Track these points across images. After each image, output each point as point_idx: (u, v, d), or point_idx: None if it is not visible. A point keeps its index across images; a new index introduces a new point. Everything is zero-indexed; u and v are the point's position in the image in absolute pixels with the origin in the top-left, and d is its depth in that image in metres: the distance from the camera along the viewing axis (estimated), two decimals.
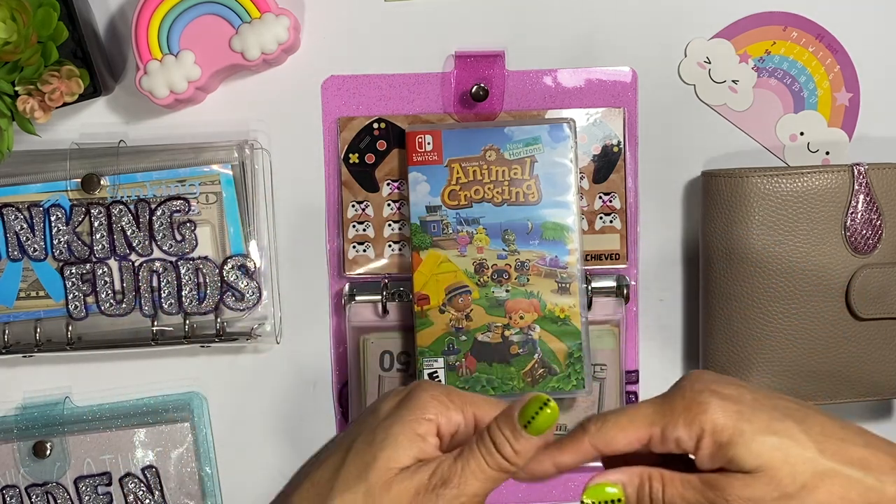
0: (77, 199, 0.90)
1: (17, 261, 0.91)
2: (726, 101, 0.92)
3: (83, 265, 0.90)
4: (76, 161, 0.90)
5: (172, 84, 0.87)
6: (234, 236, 0.91)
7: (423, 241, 0.89)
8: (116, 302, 0.91)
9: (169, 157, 0.91)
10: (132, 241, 0.90)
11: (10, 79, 0.84)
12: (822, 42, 0.92)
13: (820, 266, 0.87)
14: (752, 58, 0.92)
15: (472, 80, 0.92)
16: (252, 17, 0.87)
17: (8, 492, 0.93)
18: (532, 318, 0.88)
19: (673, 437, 0.59)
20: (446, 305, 0.89)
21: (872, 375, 0.88)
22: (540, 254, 0.88)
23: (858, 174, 0.87)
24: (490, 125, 0.90)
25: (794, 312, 0.87)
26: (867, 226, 0.87)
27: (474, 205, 0.89)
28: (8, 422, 0.93)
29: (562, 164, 0.89)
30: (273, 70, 0.92)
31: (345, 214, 0.93)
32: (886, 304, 0.88)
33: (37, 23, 0.83)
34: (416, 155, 0.89)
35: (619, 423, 0.60)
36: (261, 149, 0.92)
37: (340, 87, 0.92)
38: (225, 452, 0.94)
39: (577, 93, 0.92)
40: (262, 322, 0.92)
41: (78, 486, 0.93)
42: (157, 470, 0.93)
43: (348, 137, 0.92)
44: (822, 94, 0.92)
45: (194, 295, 0.91)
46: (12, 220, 0.90)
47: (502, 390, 0.88)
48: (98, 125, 0.92)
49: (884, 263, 0.88)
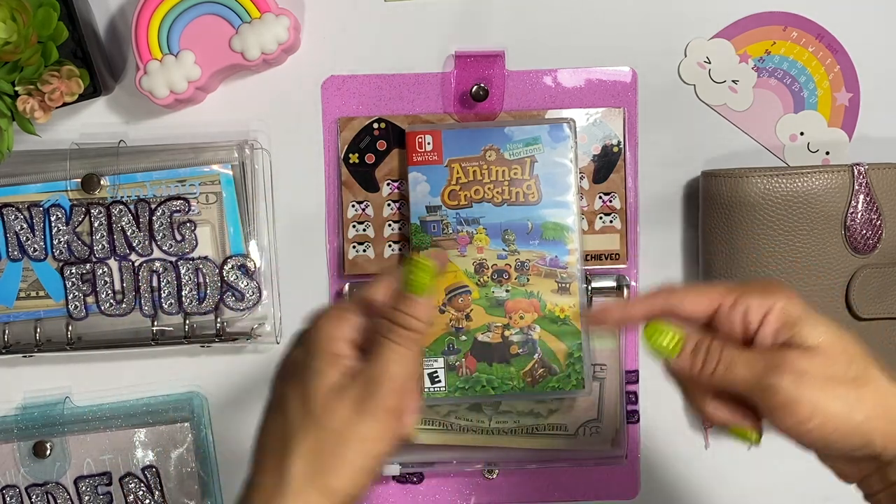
0: (77, 199, 0.90)
1: (17, 261, 0.91)
2: (726, 101, 0.92)
3: (83, 265, 0.90)
4: (76, 161, 0.91)
5: (172, 84, 0.87)
6: (234, 236, 0.91)
7: (423, 241, 0.89)
8: (116, 302, 0.91)
9: (169, 157, 0.91)
10: (132, 241, 0.90)
11: (10, 79, 0.84)
12: (822, 42, 0.92)
13: (820, 266, 0.87)
14: (752, 58, 0.92)
15: (472, 80, 0.92)
16: (252, 17, 0.87)
17: (8, 492, 0.93)
18: (532, 318, 0.88)
19: (744, 305, 0.62)
20: (446, 305, 0.89)
21: None
22: (540, 254, 0.89)
23: (858, 174, 0.87)
24: (490, 125, 0.90)
25: None
26: (867, 226, 0.87)
27: (474, 205, 0.89)
28: (8, 422, 0.93)
29: (562, 164, 0.89)
30: (273, 70, 0.92)
31: (345, 214, 0.93)
32: (886, 304, 0.88)
33: (37, 23, 0.83)
34: (416, 155, 0.89)
35: (694, 287, 0.65)
36: (261, 149, 0.92)
37: (340, 87, 0.92)
38: (225, 452, 0.94)
39: (577, 93, 0.92)
40: (262, 322, 0.92)
41: (78, 486, 0.93)
42: (157, 470, 0.93)
43: (348, 137, 0.92)
44: (822, 94, 0.92)
45: (194, 295, 0.91)
46: (12, 220, 0.90)
47: (502, 390, 0.88)
48: (98, 125, 0.92)
49: (884, 263, 0.88)
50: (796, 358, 0.60)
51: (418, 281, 0.63)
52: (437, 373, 0.89)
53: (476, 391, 0.89)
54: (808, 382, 0.59)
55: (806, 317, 0.61)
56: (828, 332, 0.61)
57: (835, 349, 0.60)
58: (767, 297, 0.62)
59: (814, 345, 0.60)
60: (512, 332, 0.89)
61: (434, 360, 0.89)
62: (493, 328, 0.89)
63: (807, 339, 0.61)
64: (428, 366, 0.89)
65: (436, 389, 0.89)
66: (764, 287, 0.63)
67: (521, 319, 0.89)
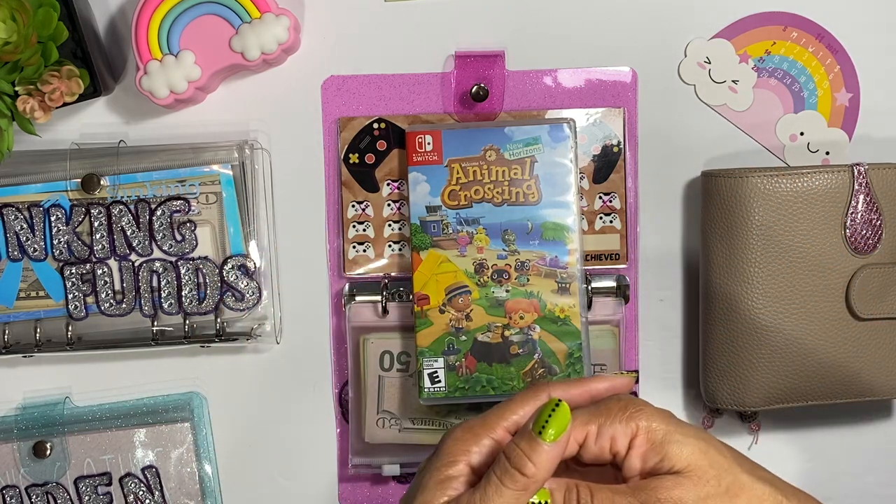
0: (77, 199, 0.90)
1: (17, 261, 0.91)
2: (726, 101, 0.92)
3: (83, 265, 0.90)
4: (76, 161, 0.91)
5: (172, 84, 0.87)
6: (234, 236, 0.91)
7: (423, 241, 0.89)
8: (116, 302, 0.91)
9: (169, 158, 0.91)
10: (132, 241, 0.90)
11: (10, 79, 0.84)
12: (822, 42, 0.92)
13: (820, 266, 0.87)
14: (752, 58, 0.92)
15: (472, 80, 0.92)
16: (252, 17, 0.87)
17: (8, 492, 0.93)
18: (532, 318, 0.88)
19: (609, 434, 0.62)
20: (446, 305, 0.89)
21: (872, 375, 0.88)
22: (540, 254, 0.89)
23: (858, 174, 0.87)
24: (490, 125, 0.90)
25: (794, 312, 0.87)
26: (867, 226, 0.87)
27: (474, 205, 0.89)
28: (8, 422, 0.93)
29: (562, 164, 0.89)
30: (273, 70, 0.92)
31: (345, 214, 0.93)
32: (886, 304, 0.88)
33: (37, 23, 0.83)
34: (416, 155, 0.89)
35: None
36: (261, 149, 0.92)
37: (340, 87, 0.92)
38: (225, 452, 0.94)
39: (577, 93, 0.92)
40: (262, 322, 0.92)
41: (78, 486, 0.93)
42: (157, 470, 0.93)
43: (348, 137, 0.92)
44: (822, 94, 0.92)
45: (194, 295, 0.91)
46: (12, 220, 0.90)
47: (502, 390, 0.88)
48: (98, 125, 0.92)
49: (884, 263, 0.88)
50: (669, 488, 0.60)
51: (557, 427, 0.60)
52: (437, 373, 0.89)
53: (476, 391, 0.89)
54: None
55: (670, 436, 0.61)
56: (694, 450, 0.61)
57: (702, 467, 0.61)
58: (630, 421, 0.62)
59: (682, 467, 0.61)
60: (512, 332, 0.89)
61: (434, 360, 0.89)
62: (493, 328, 0.89)
63: (675, 463, 0.61)
64: (428, 366, 0.89)
65: (436, 389, 0.89)
66: (623, 408, 0.62)
67: (521, 319, 0.89)
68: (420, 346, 0.89)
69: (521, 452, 0.60)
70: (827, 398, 0.89)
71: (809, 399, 0.89)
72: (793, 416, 0.94)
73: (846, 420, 0.94)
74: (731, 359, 0.88)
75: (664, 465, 0.61)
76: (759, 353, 0.87)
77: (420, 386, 0.89)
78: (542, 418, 0.60)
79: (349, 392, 0.93)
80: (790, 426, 0.95)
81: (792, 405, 0.89)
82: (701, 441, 0.62)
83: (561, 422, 0.60)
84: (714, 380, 0.89)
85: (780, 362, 0.87)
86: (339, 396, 0.94)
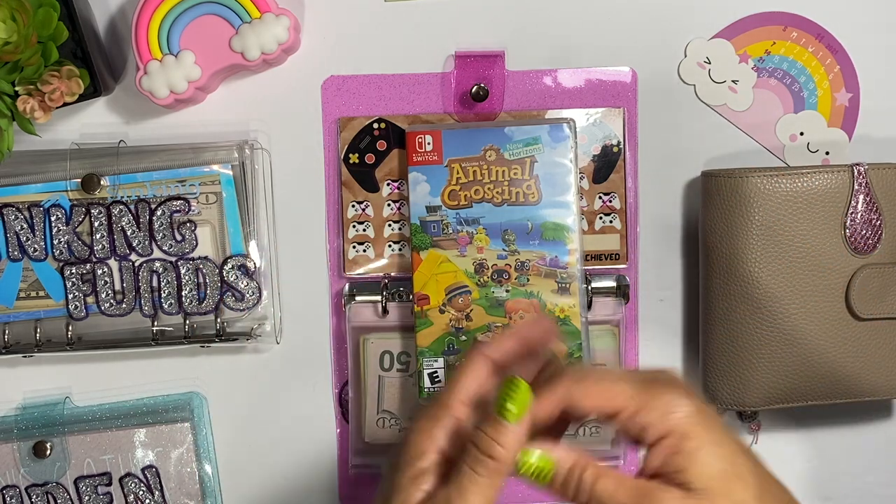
0: (77, 199, 0.90)
1: (18, 261, 0.91)
2: (726, 101, 0.92)
3: (83, 265, 0.90)
4: (76, 161, 0.91)
5: (172, 84, 0.87)
6: (234, 236, 0.91)
7: (423, 241, 0.89)
8: (116, 302, 0.91)
9: (169, 158, 0.91)
10: (132, 241, 0.90)
11: (10, 79, 0.84)
12: (822, 42, 0.92)
13: (820, 266, 0.87)
14: (752, 58, 0.92)
15: (472, 80, 0.92)
16: (252, 17, 0.87)
17: (8, 492, 0.93)
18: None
19: (641, 422, 0.59)
20: (446, 305, 0.89)
21: (872, 375, 0.88)
22: (540, 254, 0.89)
23: (858, 174, 0.87)
24: (490, 125, 0.90)
25: (794, 312, 0.87)
26: (867, 226, 0.87)
27: (474, 205, 0.89)
28: (8, 422, 0.93)
29: (562, 164, 0.89)
30: (273, 70, 0.92)
31: (345, 214, 0.93)
32: (886, 304, 0.88)
33: (37, 23, 0.83)
34: (416, 155, 0.89)
35: (598, 383, 0.60)
36: (261, 149, 0.92)
37: (340, 87, 0.92)
38: (225, 452, 0.94)
39: (577, 93, 0.92)
40: (262, 322, 0.92)
41: (78, 486, 0.93)
42: (157, 470, 0.93)
43: (348, 137, 0.92)
44: (822, 94, 0.92)
45: (194, 295, 0.91)
46: (12, 220, 0.90)
47: None
48: (98, 125, 0.92)
49: (884, 263, 0.88)
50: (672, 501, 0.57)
51: (518, 405, 0.58)
52: (437, 373, 0.89)
53: None
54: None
55: (699, 450, 0.58)
56: (718, 475, 0.58)
57: (719, 494, 0.57)
58: (667, 420, 0.59)
59: (699, 487, 0.57)
60: None
61: (434, 360, 0.89)
62: (493, 328, 0.89)
63: (693, 480, 0.57)
64: (428, 366, 0.89)
65: (436, 389, 0.89)
66: (667, 403, 0.59)
67: (521, 319, 0.89)
68: (420, 346, 0.89)
69: (487, 437, 0.59)
70: (827, 398, 0.89)
71: (809, 399, 0.89)
72: (793, 416, 0.94)
73: (846, 420, 0.94)
74: (731, 359, 0.88)
75: (682, 476, 0.58)
76: (759, 353, 0.87)
77: (420, 386, 0.89)
78: (502, 399, 0.59)
79: (349, 392, 0.93)
80: (790, 426, 0.95)
81: (792, 405, 0.89)
82: (731, 467, 0.58)
83: (522, 400, 0.59)
84: (714, 380, 0.89)
85: (780, 362, 0.87)
86: (339, 396, 0.94)
